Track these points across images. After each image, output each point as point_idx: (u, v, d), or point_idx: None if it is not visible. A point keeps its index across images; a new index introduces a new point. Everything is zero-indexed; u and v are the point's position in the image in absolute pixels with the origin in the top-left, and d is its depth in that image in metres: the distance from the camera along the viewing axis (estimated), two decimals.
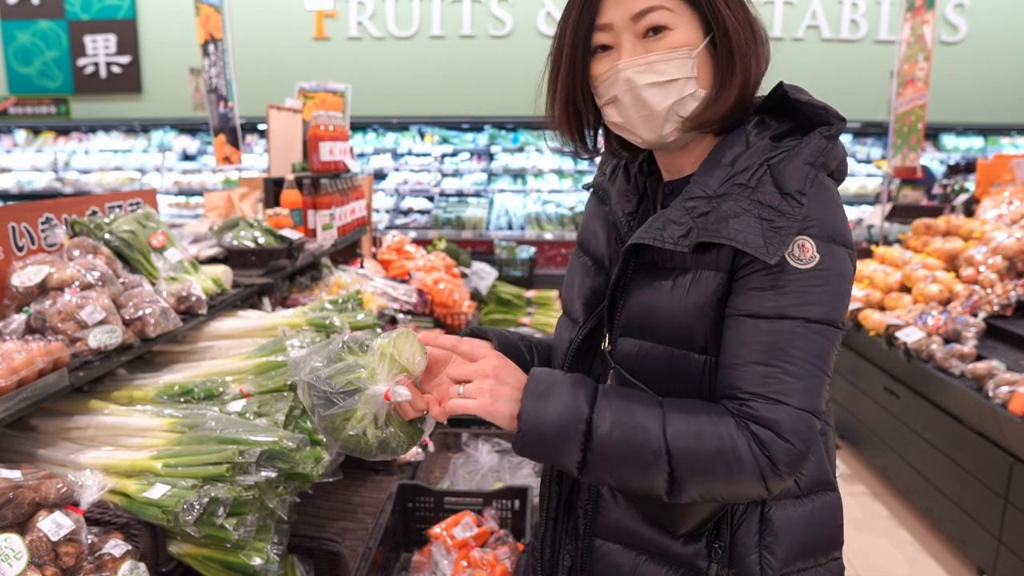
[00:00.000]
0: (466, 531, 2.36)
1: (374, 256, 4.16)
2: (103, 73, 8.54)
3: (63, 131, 8.83)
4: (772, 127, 1.00)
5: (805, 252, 0.91)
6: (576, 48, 1.01)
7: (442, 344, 1.03)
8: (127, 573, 1.27)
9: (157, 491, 1.35)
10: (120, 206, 2.35)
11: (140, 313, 1.79)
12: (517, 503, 2.55)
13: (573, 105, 1.06)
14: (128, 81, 8.56)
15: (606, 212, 1.16)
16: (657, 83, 0.98)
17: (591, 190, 1.24)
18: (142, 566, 1.31)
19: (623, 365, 1.04)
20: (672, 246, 0.95)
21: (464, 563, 2.25)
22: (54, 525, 1.21)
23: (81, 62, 8.53)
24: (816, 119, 0.98)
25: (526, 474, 2.84)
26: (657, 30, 0.97)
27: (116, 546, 1.29)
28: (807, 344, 0.89)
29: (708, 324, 0.96)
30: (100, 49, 8.50)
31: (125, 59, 8.50)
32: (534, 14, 8.07)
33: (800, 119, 1.00)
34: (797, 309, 0.90)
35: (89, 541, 1.26)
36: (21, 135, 8.81)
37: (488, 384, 0.94)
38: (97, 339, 1.62)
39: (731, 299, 0.95)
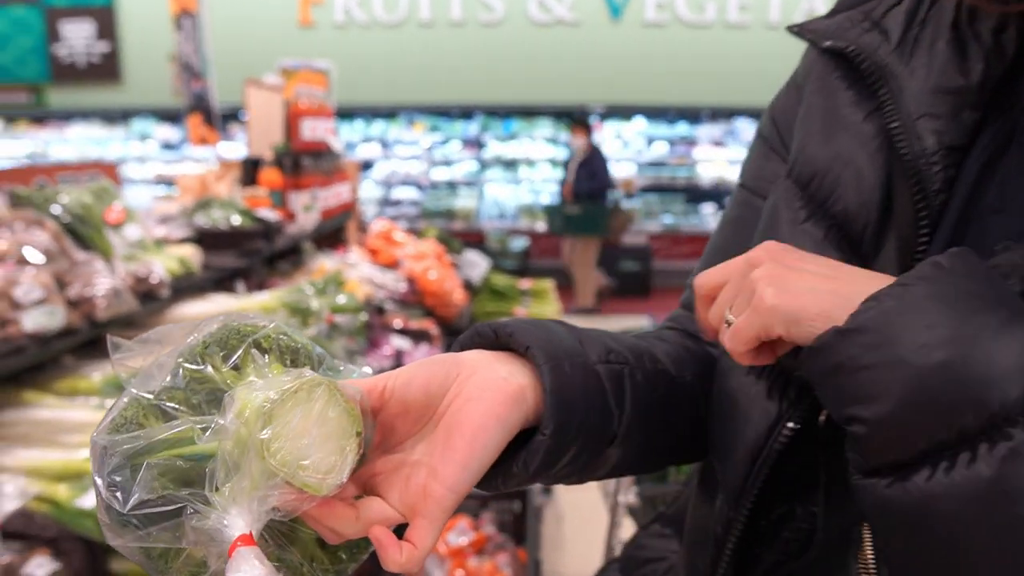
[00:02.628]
0: (461, 537, 2.14)
1: (361, 243, 3.94)
2: (81, 62, 8.26)
3: (38, 119, 8.54)
4: None
5: None
6: None
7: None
8: None
9: (93, 497, 1.13)
10: (75, 179, 2.13)
11: (89, 293, 1.58)
12: (518, 505, 2.35)
13: None
14: (107, 69, 8.29)
15: (884, 126, 0.53)
16: None
17: (823, 49, 0.59)
18: None
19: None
20: None
21: (460, 572, 2.04)
22: None
23: (57, 49, 8.24)
24: None
25: None
26: None
27: (41, 566, 1.06)
28: None
29: None
30: (78, 36, 8.21)
31: (104, 46, 8.22)
32: (525, 1, 7.84)
33: None
34: None
35: (6, 560, 1.04)
36: None
37: (765, 272, 0.46)
38: (34, 321, 1.40)
39: None
